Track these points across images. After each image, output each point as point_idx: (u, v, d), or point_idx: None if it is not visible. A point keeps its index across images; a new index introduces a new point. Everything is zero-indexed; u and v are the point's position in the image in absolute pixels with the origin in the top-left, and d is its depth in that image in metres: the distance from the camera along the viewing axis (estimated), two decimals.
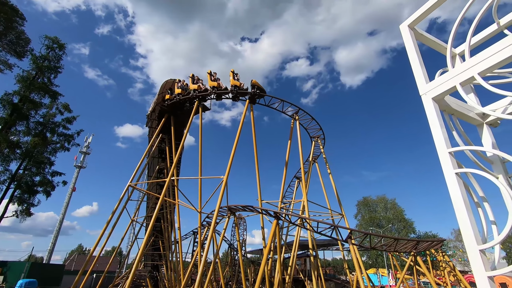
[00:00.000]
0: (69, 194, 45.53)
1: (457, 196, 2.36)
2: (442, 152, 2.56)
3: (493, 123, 3.31)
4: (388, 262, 45.58)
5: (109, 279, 35.77)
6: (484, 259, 2.15)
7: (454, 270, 19.37)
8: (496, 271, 2.10)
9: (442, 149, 2.57)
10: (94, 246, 18.56)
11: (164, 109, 23.86)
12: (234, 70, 21.82)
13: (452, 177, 2.43)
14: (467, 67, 2.62)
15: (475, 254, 2.14)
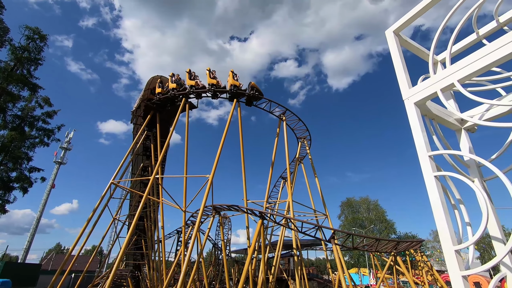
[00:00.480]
0: (48, 191, 43.94)
1: (435, 198, 2.45)
2: (423, 155, 2.64)
3: (470, 129, 3.44)
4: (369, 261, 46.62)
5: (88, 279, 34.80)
6: (459, 259, 2.24)
7: (432, 270, 20.05)
8: (470, 270, 2.19)
9: (423, 152, 2.65)
10: (73, 245, 18.03)
11: (150, 106, 23.44)
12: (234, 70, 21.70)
13: (431, 180, 2.51)
14: (447, 74, 2.71)
15: (451, 254, 2.22)
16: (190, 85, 21.60)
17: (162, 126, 24.14)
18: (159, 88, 23.05)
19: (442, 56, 3.86)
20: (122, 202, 27.82)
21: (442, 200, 2.49)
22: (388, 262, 16.93)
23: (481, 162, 2.63)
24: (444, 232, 2.37)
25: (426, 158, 2.66)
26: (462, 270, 2.23)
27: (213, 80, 21.43)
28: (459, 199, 2.90)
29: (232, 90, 20.88)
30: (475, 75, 2.62)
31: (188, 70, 22.35)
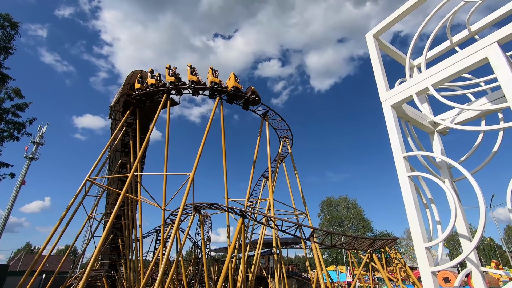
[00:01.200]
0: (17, 188, 41.61)
1: (408, 197, 2.54)
2: (398, 156, 2.73)
3: (442, 132, 3.60)
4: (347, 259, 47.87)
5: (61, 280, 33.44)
6: (429, 256, 2.33)
7: (405, 266, 20.89)
8: (439, 266, 2.30)
9: (398, 153, 2.74)
10: (44, 244, 17.24)
11: (129, 101, 22.77)
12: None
13: (405, 180, 2.60)
14: (422, 79, 2.82)
15: (422, 251, 2.32)
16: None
17: (142, 122, 23.54)
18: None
19: (418, 61, 4.02)
20: (98, 200, 26.90)
21: (415, 199, 2.59)
22: (364, 260, 17.46)
23: (451, 163, 2.75)
24: (415, 230, 2.48)
25: (401, 158, 2.76)
26: (432, 266, 2.33)
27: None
28: (430, 199, 3.03)
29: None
30: (448, 80, 2.75)
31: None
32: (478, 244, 2.36)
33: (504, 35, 2.36)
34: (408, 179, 2.65)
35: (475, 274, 2.72)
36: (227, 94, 21.63)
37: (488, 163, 3.21)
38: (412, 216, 2.54)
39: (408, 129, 3.34)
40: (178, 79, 21.48)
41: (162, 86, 21.32)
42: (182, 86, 21.12)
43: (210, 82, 20.85)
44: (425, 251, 2.37)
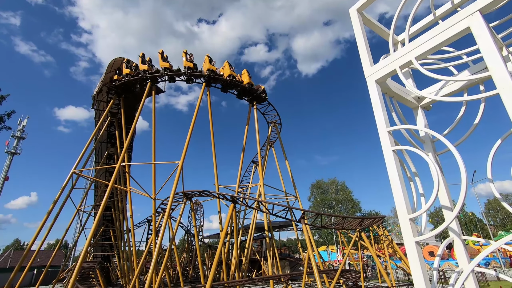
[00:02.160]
0: (1, 184, 40.47)
1: (392, 170, 2.56)
2: (382, 130, 2.73)
3: (426, 107, 3.62)
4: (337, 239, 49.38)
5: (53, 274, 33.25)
6: (413, 227, 2.38)
7: (392, 243, 21.70)
8: (422, 236, 2.35)
9: (382, 128, 2.74)
10: (32, 240, 16.95)
11: (112, 90, 22.08)
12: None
13: (389, 154, 2.61)
14: (406, 52, 2.79)
15: (406, 222, 2.35)
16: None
17: (127, 112, 22.95)
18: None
19: (402, 37, 3.98)
20: (86, 192, 26.44)
21: (399, 172, 2.62)
22: (353, 238, 17.99)
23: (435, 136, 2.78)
24: (400, 202, 2.52)
25: (385, 133, 2.76)
26: (415, 236, 2.39)
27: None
28: (414, 172, 3.08)
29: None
30: (431, 52, 2.73)
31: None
32: (459, 213, 2.42)
33: (486, 3, 2.33)
34: (392, 153, 2.67)
35: (457, 242, 2.80)
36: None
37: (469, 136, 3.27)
38: (396, 189, 2.57)
39: (393, 104, 3.35)
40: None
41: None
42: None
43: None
44: (409, 222, 2.42)
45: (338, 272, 15.31)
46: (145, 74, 20.45)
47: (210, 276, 11.96)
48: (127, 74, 21.03)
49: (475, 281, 2.67)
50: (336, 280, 15.37)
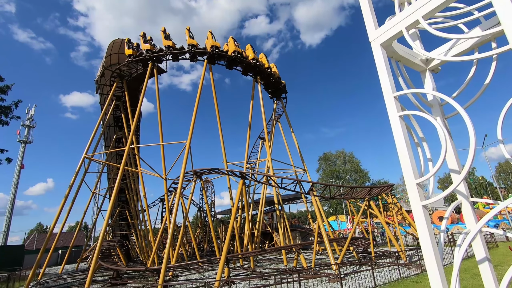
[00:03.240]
0: (17, 172, 41.84)
1: (399, 136, 2.52)
2: (388, 96, 2.67)
3: (434, 69, 3.49)
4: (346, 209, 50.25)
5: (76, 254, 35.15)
6: (420, 191, 2.38)
7: (401, 210, 22.01)
8: (429, 200, 2.36)
9: (388, 93, 2.67)
10: (53, 223, 17.79)
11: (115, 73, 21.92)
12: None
13: (395, 120, 2.56)
14: (412, 11, 2.65)
15: (413, 187, 2.36)
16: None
17: (131, 95, 22.93)
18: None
19: None
20: (100, 176, 27.22)
21: (406, 138, 2.58)
22: (362, 207, 18.28)
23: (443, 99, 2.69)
24: (406, 168, 2.50)
25: (392, 99, 2.69)
26: (422, 200, 2.39)
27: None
28: (422, 137, 3.02)
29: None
30: (439, 10, 2.58)
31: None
32: (469, 177, 2.40)
33: None
34: (399, 119, 2.61)
35: (464, 204, 2.80)
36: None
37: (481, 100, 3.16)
38: (403, 155, 2.55)
39: (399, 68, 3.22)
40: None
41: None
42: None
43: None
44: (416, 187, 2.42)
45: (348, 240, 15.74)
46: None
47: (224, 248, 12.46)
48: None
49: (482, 242, 2.70)
50: (346, 247, 15.84)
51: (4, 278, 17.22)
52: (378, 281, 11.44)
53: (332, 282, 11.85)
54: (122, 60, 23.34)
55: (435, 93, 2.62)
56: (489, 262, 2.64)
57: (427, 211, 2.34)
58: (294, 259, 17.14)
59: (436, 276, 2.23)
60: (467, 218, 2.78)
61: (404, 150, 2.49)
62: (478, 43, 2.99)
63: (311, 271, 14.10)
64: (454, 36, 2.52)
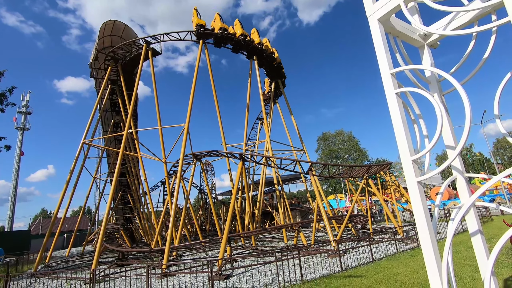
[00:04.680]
0: (17, 159, 41.97)
1: (395, 114, 2.52)
2: (385, 73, 2.64)
3: (433, 45, 3.43)
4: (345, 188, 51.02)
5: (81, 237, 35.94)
6: (415, 167, 2.41)
7: (399, 187, 22.36)
8: (424, 176, 2.39)
9: (385, 70, 2.64)
10: (57, 208, 18.04)
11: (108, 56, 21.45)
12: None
13: (392, 97, 2.55)
14: None
15: (408, 163, 2.38)
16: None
17: (126, 78, 22.56)
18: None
19: None
20: (100, 161, 27.35)
21: (402, 115, 2.58)
22: (361, 186, 18.56)
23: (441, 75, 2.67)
24: (402, 144, 2.52)
25: (388, 75, 2.66)
26: (418, 176, 2.43)
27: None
28: (418, 114, 3.02)
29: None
30: None
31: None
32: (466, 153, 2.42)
33: None
34: (395, 96, 2.59)
35: (459, 179, 2.85)
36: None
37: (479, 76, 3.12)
38: (399, 131, 2.56)
39: (397, 44, 3.16)
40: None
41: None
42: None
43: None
44: (411, 163, 2.45)
45: (346, 217, 16.10)
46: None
47: (226, 228, 12.75)
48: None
49: (475, 215, 2.77)
50: (345, 224, 16.24)
51: (12, 261, 17.70)
52: (376, 256, 11.84)
53: (331, 258, 12.25)
54: (115, 42, 22.78)
55: (433, 69, 2.58)
56: (481, 234, 2.72)
57: (422, 187, 2.38)
58: (294, 237, 17.60)
59: (429, 249, 2.30)
60: (462, 193, 2.83)
61: (400, 127, 2.49)
62: (478, 15, 2.92)
63: (310, 248, 14.53)
64: (454, 9, 2.46)
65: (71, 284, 11.65)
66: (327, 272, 10.04)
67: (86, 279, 11.88)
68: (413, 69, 3.01)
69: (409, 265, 10.27)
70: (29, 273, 14.24)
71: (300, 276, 9.27)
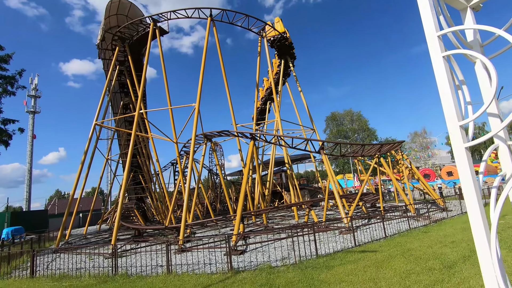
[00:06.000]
0: (30, 142, 42.81)
1: (442, 78, 2.42)
2: (431, 36, 2.50)
3: (476, 7, 3.23)
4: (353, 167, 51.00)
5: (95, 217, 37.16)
6: (463, 133, 2.33)
7: (410, 165, 22.22)
8: (472, 142, 2.32)
9: (431, 32, 2.50)
10: (73, 188, 18.50)
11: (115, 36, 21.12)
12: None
13: (439, 61, 2.44)
14: None
15: (456, 128, 2.31)
16: None
17: (134, 59, 22.32)
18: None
19: None
20: (111, 143, 27.71)
21: (449, 79, 2.47)
22: (372, 164, 18.48)
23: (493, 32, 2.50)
24: (449, 110, 2.42)
25: (435, 38, 2.52)
26: (466, 142, 2.35)
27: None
28: (462, 80, 2.89)
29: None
30: None
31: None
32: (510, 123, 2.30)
33: None
34: (442, 60, 2.47)
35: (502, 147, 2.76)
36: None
37: None
38: (446, 97, 2.45)
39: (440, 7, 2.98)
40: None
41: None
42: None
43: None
44: (459, 129, 2.36)
45: (358, 195, 16.18)
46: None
47: (239, 205, 12.96)
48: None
49: None
50: (357, 202, 16.34)
51: (35, 239, 18.51)
52: (388, 232, 11.95)
53: (343, 234, 12.43)
54: (122, 22, 22.34)
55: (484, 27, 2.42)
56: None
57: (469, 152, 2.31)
58: (305, 215, 17.86)
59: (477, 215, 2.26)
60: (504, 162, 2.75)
61: (447, 92, 2.38)
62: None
63: (322, 225, 14.74)
64: None
65: (93, 259, 12.15)
66: (341, 248, 10.22)
67: (106, 254, 12.37)
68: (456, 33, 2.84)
69: (423, 240, 10.36)
70: (51, 249, 14.88)
71: (315, 251, 9.46)
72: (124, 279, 8.53)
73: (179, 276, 8.38)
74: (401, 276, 6.53)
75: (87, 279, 8.91)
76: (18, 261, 12.60)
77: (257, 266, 8.67)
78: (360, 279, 6.60)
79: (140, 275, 8.81)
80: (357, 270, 7.31)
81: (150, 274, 8.92)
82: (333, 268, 7.79)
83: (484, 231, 2.22)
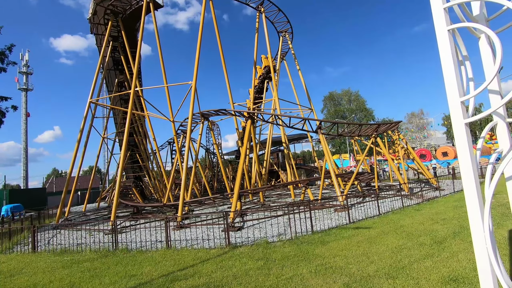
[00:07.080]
0: (24, 121, 42.26)
1: (446, 52, 2.37)
2: (437, 7, 2.42)
3: None
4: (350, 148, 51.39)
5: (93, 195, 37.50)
6: (463, 109, 2.32)
7: (406, 145, 22.44)
8: (471, 118, 2.31)
9: (437, 4, 2.42)
10: (71, 166, 18.55)
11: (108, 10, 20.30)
12: None
13: (444, 34, 2.38)
14: None
15: (456, 104, 2.30)
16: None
17: (128, 34, 21.59)
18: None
19: None
20: (107, 121, 27.43)
21: (453, 54, 2.42)
22: (369, 144, 18.61)
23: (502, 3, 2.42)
24: (451, 85, 2.40)
25: (441, 10, 2.45)
26: (466, 118, 2.35)
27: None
28: (465, 56, 2.85)
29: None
30: None
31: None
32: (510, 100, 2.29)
33: None
34: (447, 33, 2.41)
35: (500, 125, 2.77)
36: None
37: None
38: (448, 71, 2.42)
39: None
40: None
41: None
42: None
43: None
44: (460, 104, 2.35)
45: (354, 174, 16.42)
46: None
47: (236, 183, 13.12)
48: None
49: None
50: (352, 181, 16.61)
51: (34, 215, 18.74)
52: (382, 210, 12.26)
53: (339, 212, 12.73)
54: None
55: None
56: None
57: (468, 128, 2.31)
58: (301, 193, 18.17)
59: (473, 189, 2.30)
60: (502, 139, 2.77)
61: (450, 67, 2.34)
62: None
63: (318, 203, 15.05)
64: None
65: (93, 235, 12.40)
66: (336, 224, 10.51)
67: (106, 230, 12.61)
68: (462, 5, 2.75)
69: (415, 218, 10.66)
70: (52, 225, 15.12)
71: (310, 227, 9.72)
72: (125, 254, 8.76)
73: (178, 251, 8.61)
74: (393, 251, 6.78)
75: (88, 254, 9.14)
76: (19, 237, 12.83)
77: (254, 242, 8.91)
78: (354, 254, 6.84)
79: (140, 250, 9.04)
80: (351, 245, 7.56)
81: (149, 249, 9.15)
82: (327, 243, 8.04)
83: (478, 204, 2.28)
